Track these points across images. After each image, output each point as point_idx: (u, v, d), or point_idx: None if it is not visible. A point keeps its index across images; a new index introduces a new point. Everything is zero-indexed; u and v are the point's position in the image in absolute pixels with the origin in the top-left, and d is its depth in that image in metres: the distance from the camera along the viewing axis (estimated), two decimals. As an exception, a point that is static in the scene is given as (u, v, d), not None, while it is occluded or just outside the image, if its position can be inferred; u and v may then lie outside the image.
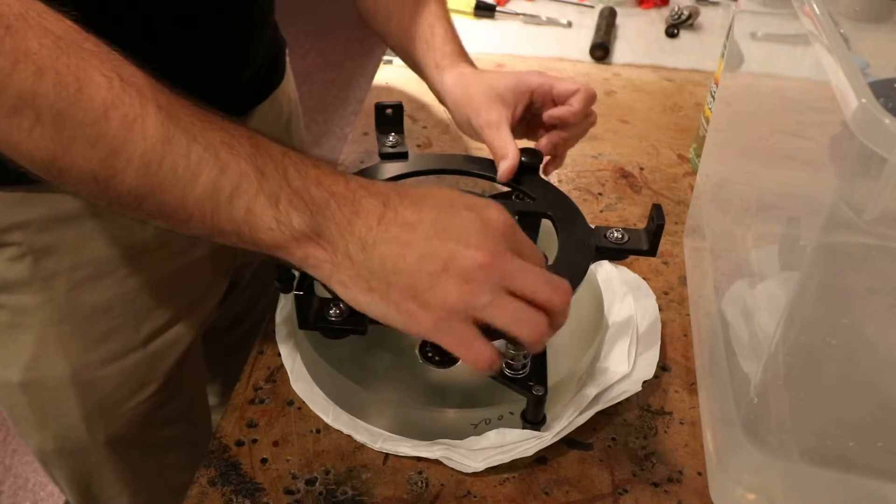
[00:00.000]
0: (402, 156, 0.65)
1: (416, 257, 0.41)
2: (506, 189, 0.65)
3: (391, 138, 0.66)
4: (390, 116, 0.67)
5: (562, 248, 0.57)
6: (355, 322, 0.49)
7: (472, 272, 0.41)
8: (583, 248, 0.56)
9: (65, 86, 0.38)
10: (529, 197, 0.62)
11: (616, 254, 0.58)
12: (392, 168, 0.64)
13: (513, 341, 0.49)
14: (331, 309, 0.49)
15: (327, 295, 0.52)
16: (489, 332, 0.51)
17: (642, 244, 0.57)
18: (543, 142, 0.65)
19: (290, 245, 0.42)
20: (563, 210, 0.60)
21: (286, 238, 0.41)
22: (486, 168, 0.65)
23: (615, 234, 0.57)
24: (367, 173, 0.63)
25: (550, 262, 0.56)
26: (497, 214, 0.43)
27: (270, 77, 0.74)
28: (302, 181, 0.41)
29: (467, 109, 0.64)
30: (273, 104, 0.75)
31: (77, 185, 0.41)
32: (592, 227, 0.58)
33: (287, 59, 0.79)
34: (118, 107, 0.38)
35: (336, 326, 0.49)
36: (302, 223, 0.41)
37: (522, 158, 0.63)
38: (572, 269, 0.55)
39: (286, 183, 0.41)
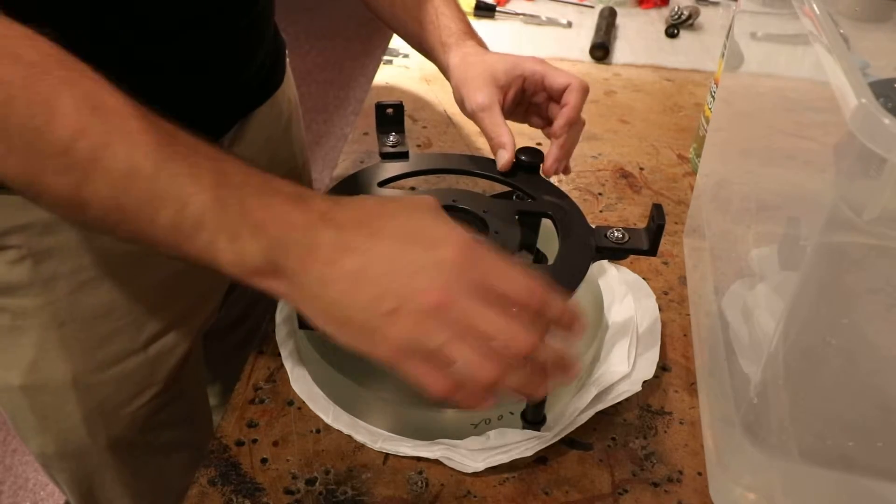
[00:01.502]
0: (403, 155, 0.65)
1: (370, 296, 0.40)
2: (506, 189, 0.65)
3: (392, 138, 0.66)
4: (391, 116, 0.67)
5: (562, 248, 0.57)
6: None
7: (424, 313, 0.40)
8: (583, 247, 0.56)
9: (33, 115, 0.38)
10: (530, 196, 0.62)
11: (616, 253, 0.58)
12: (392, 168, 0.64)
13: None
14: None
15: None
16: None
17: (643, 244, 0.57)
18: (555, 153, 0.64)
19: (253, 278, 0.42)
20: (563, 210, 0.60)
21: (248, 272, 0.41)
22: (486, 167, 0.65)
23: (615, 234, 0.57)
24: (367, 173, 0.63)
25: (551, 261, 0.56)
26: (455, 250, 0.41)
27: (271, 78, 0.74)
28: (262, 212, 0.41)
29: (463, 90, 0.65)
30: (273, 106, 0.75)
31: (54, 209, 0.41)
32: (593, 226, 0.58)
33: (287, 60, 0.79)
34: (86, 136, 0.38)
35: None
36: (262, 259, 0.41)
37: (522, 157, 0.63)
38: (572, 268, 0.55)
39: (245, 217, 0.41)
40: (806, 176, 0.46)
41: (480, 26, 1.22)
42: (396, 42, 1.14)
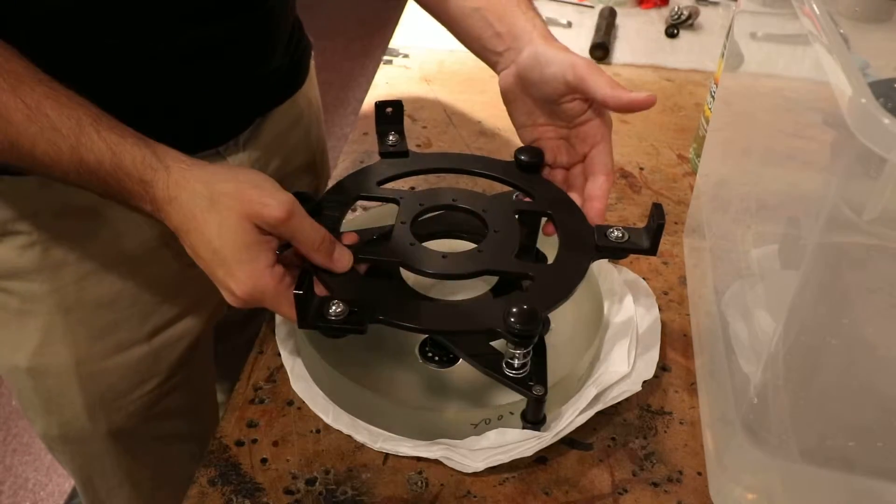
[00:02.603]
0: (403, 154, 0.65)
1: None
2: (506, 189, 0.65)
3: (391, 137, 0.66)
4: (390, 115, 0.67)
5: (562, 247, 0.57)
6: (355, 321, 0.49)
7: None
8: (583, 247, 0.56)
9: None
10: (530, 196, 0.62)
11: (616, 252, 0.58)
12: (392, 167, 0.64)
13: (513, 342, 0.49)
14: (330, 308, 0.49)
15: (327, 294, 0.52)
16: (487, 337, 0.51)
17: (643, 243, 0.57)
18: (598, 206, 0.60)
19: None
20: (563, 209, 0.60)
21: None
22: (486, 167, 0.65)
23: (615, 233, 0.57)
24: (367, 172, 0.63)
25: (551, 261, 0.56)
26: (238, 295, 0.49)
27: (291, 79, 0.74)
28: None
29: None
30: (293, 107, 0.75)
31: None
32: (593, 226, 0.58)
33: (312, 62, 0.79)
34: None
35: (336, 325, 0.49)
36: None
37: (522, 157, 0.63)
38: (572, 268, 0.55)
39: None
40: (806, 176, 0.46)
41: (480, 26, 1.22)
42: (396, 42, 1.14)
